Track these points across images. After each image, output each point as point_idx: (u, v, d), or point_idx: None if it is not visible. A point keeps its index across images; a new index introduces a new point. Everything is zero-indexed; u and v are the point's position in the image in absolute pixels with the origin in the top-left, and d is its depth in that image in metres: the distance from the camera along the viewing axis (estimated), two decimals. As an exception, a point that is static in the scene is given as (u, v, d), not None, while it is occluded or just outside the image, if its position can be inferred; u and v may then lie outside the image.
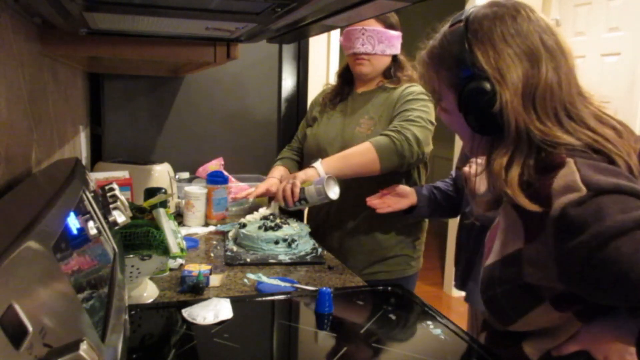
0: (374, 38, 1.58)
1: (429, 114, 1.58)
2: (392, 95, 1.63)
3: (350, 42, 1.61)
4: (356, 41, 1.59)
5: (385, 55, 1.63)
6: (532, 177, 0.80)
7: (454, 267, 1.46)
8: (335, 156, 1.56)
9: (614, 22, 2.95)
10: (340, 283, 1.27)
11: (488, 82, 0.79)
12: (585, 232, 0.69)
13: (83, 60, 1.63)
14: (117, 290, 0.64)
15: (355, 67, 1.65)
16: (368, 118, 1.64)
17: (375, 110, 1.64)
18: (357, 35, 1.59)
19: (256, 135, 2.29)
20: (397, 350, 0.95)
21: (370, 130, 1.61)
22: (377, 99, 1.66)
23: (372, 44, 1.59)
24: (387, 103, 1.63)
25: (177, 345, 0.91)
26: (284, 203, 1.51)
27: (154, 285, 1.16)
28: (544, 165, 0.79)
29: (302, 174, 1.52)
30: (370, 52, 1.60)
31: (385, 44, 1.60)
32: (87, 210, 0.68)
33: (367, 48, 1.59)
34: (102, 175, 1.58)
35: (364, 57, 1.62)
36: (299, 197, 1.48)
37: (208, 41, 1.19)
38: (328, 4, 0.75)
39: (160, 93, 2.15)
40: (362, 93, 1.70)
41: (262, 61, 2.24)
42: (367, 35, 1.58)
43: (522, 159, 0.80)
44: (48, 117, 1.13)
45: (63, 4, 0.73)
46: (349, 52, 1.64)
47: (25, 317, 0.33)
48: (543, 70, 0.80)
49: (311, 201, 1.48)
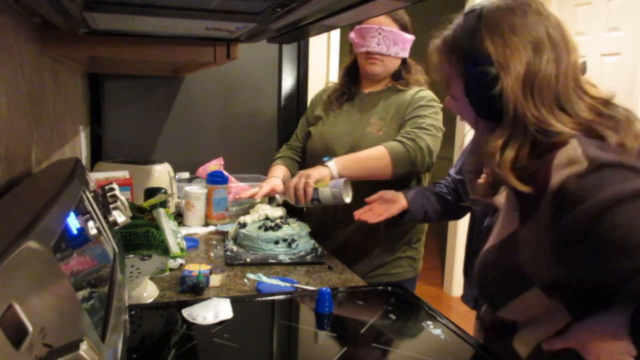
0: (390, 39, 1.57)
1: (440, 121, 1.59)
2: (403, 97, 1.63)
3: (365, 40, 1.59)
4: (372, 40, 1.57)
5: (398, 57, 1.62)
6: (527, 161, 0.84)
7: (458, 269, 1.44)
8: (350, 157, 1.54)
9: (614, 22, 2.95)
10: (340, 283, 1.27)
11: (493, 67, 0.84)
12: (585, 202, 0.72)
13: (83, 60, 1.63)
14: (117, 290, 0.64)
15: (367, 67, 1.63)
16: (378, 118, 1.63)
17: (386, 111, 1.63)
18: (373, 34, 1.57)
19: (256, 135, 2.29)
20: (397, 350, 0.95)
21: (381, 131, 1.60)
22: (387, 100, 1.65)
23: (387, 44, 1.58)
24: (398, 105, 1.62)
25: (177, 345, 0.91)
26: (295, 201, 1.48)
27: (154, 285, 1.16)
28: (543, 149, 0.83)
29: (316, 173, 1.48)
30: (384, 53, 1.59)
31: (399, 46, 1.59)
32: (87, 210, 0.68)
33: (382, 48, 1.58)
34: (102, 175, 1.57)
35: (377, 57, 1.60)
36: (312, 198, 1.45)
37: (208, 41, 1.19)
38: (328, 4, 0.75)
39: (160, 93, 2.15)
40: (369, 93, 1.69)
41: (262, 61, 2.24)
42: (383, 35, 1.57)
43: (517, 144, 0.84)
44: (48, 117, 1.13)
45: (63, 4, 0.73)
46: (361, 50, 1.62)
47: (25, 317, 0.33)
48: (544, 60, 0.83)
49: (324, 202, 1.45)
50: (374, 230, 1.62)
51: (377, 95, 1.67)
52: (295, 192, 1.46)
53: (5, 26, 0.79)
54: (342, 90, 1.73)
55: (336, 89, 1.75)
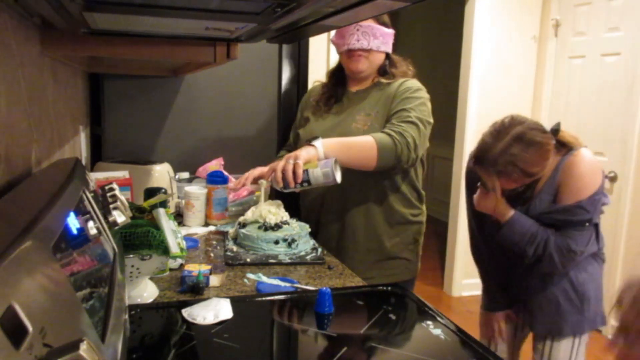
0: (369, 33, 1.56)
1: (427, 113, 1.57)
2: (388, 90, 1.62)
3: (344, 39, 1.58)
4: (350, 37, 1.56)
5: (380, 51, 1.61)
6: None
7: (458, 270, 1.46)
8: (336, 140, 1.50)
9: (614, 22, 2.95)
10: (340, 283, 1.27)
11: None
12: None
13: (83, 60, 1.63)
14: (117, 290, 0.64)
15: (351, 64, 1.62)
16: (364, 114, 1.62)
17: (372, 107, 1.62)
18: (351, 31, 1.56)
19: (256, 135, 2.29)
20: (397, 350, 0.95)
21: (366, 126, 1.60)
22: (373, 96, 1.64)
23: (367, 39, 1.56)
24: (383, 99, 1.61)
25: (177, 345, 0.91)
26: (283, 184, 1.41)
27: (154, 285, 1.16)
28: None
29: (304, 152, 1.42)
30: (365, 48, 1.57)
31: (380, 40, 1.58)
32: (87, 210, 0.68)
33: (363, 44, 1.57)
34: (102, 175, 1.57)
35: (359, 54, 1.59)
36: (302, 179, 1.38)
37: (208, 41, 1.19)
38: (328, 4, 0.75)
39: (160, 93, 2.15)
40: (357, 92, 1.68)
41: (262, 61, 2.24)
42: (361, 31, 1.56)
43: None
44: (48, 117, 1.13)
45: (63, 4, 0.73)
46: (342, 49, 1.61)
47: (25, 317, 0.33)
48: None
49: (315, 184, 1.38)
50: (368, 230, 1.62)
51: (364, 93, 1.67)
52: (284, 175, 1.39)
53: (5, 26, 0.79)
54: (329, 93, 1.72)
55: (324, 92, 1.74)
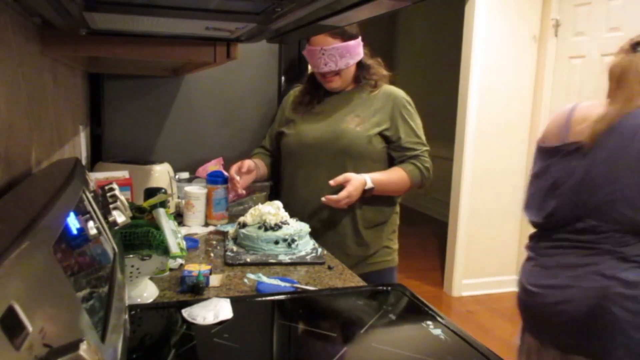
0: (334, 55, 1.61)
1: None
2: (380, 99, 1.68)
3: (314, 61, 1.64)
4: (318, 61, 1.62)
5: (350, 66, 1.66)
6: None
7: (458, 269, 1.46)
8: (381, 177, 1.62)
9: (614, 22, 2.95)
10: (340, 283, 1.27)
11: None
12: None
13: (83, 60, 1.63)
14: (117, 290, 0.64)
15: (326, 85, 1.70)
16: (354, 115, 1.67)
17: (362, 109, 1.68)
18: (317, 55, 1.61)
19: (256, 136, 2.29)
20: (397, 350, 0.95)
21: (359, 126, 1.65)
22: (359, 98, 1.70)
23: (334, 61, 1.62)
24: (377, 106, 1.67)
25: (177, 345, 0.91)
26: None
27: (154, 285, 1.16)
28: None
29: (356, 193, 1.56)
30: (334, 69, 1.63)
31: (347, 57, 1.63)
32: (87, 210, 0.68)
33: (331, 66, 1.62)
34: (102, 175, 1.57)
35: (330, 76, 1.66)
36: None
37: (208, 41, 1.19)
38: (328, 4, 0.75)
39: (160, 93, 2.15)
40: (340, 92, 1.73)
41: (262, 61, 2.24)
42: (327, 54, 1.60)
43: None
44: (48, 117, 1.13)
45: (63, 4, 0.73)
46: (314, 70, 1.69)
47: (25, 317, 0.33)
48: None
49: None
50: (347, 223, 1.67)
51: (349, 94, 1.72)
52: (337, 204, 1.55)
53: (5, 26, 0.79)
54: (310, 95, 1.77)
55: (304, 94, 1.79)
